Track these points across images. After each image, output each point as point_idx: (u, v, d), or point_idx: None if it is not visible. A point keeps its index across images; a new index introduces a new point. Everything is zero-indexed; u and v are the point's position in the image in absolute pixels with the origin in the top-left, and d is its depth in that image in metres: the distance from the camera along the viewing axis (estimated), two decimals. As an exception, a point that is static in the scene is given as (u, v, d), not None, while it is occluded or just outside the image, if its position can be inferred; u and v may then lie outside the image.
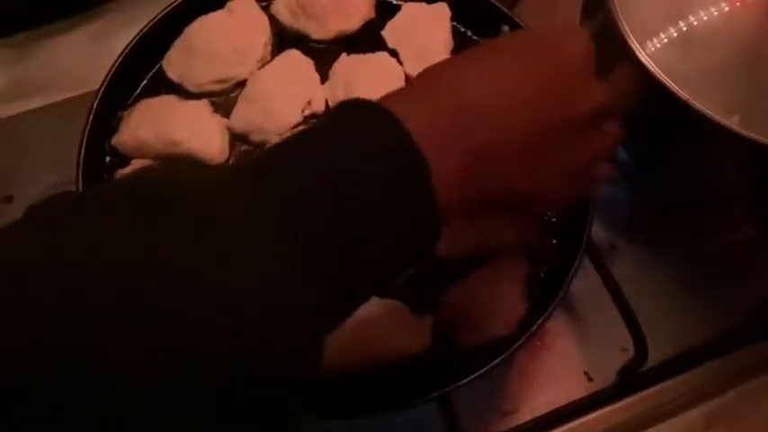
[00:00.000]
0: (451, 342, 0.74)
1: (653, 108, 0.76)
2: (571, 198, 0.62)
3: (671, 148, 0.80)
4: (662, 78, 0.70)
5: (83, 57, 0.96)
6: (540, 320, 0.73)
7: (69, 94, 0.92)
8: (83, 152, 0.75)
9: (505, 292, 0.74)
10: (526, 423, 0.82)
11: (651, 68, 0.71)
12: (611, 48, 0.75)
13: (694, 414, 0.84)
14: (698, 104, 0.67)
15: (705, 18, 0.74)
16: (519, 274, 0.76)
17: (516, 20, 0.86)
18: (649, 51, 0.72)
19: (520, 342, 0.71)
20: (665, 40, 0.74)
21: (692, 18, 0.74)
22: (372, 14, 0.87)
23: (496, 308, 0.74)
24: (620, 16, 0.72)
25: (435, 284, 0.76)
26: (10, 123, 0.93)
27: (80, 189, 0.74)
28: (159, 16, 0.82)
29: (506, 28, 0.87)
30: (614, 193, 0.93)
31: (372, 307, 0.72)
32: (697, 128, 0.69)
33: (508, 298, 0.74)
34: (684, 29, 0.74)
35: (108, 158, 0.79)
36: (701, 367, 0.86)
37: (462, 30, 0.88)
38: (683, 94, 0.68)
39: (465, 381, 0.70)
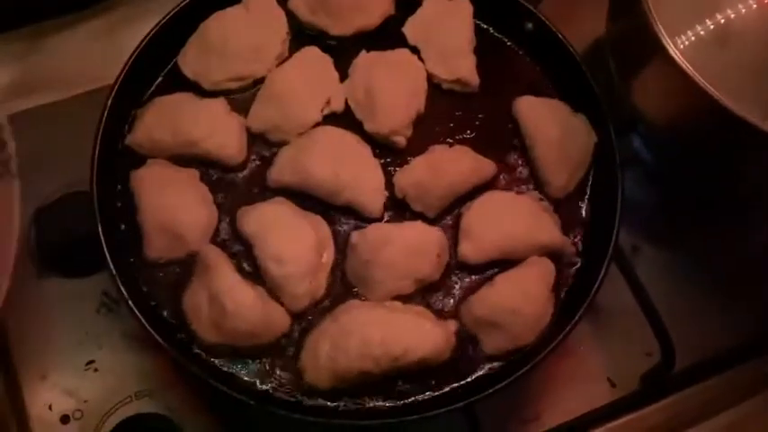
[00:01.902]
0: (475, 349, 0.72)
1: (684, 108, 0.74)
2: None
3: (700, 151, 0.78)
4: (696, 78, 0.68)
5: (93, 51, 0.93)
6: (567, 329, 0.71)
7: (80, 90, 0.89)
8: (97, 152, 0.73)
9: (531, 298, 0.72)
10: (549, 430, 0.81)
11: (684, 66, 0.68)
12: (641, 44, 0.73)
13: (720, 420, 0.83)
14: (736, 107, 0.65)
15: (740, 14, 0.71)
16: (545, 279, 0.74)
17: (540, 17, 0.83)
18: (681, 48, 0.70)
19: (547, 350, 0.70)
20: (696, 38, 0.71)
21: (726, 14, 0.71)
22: (392, 10, 0.85)
23: (522, 314, 0.72)
24: (653, 11, 0.70)
25: (460, 290, 0.74)
26: (19, 120, 0.90)
27: (94, 190, 0.72)
28: (174, 11, 0.80)
29: (530, 25, 0.85)
30: (637, 194, 0.91)
31: (397, 313, 0.71)
32: (733, 131, 0.67)
33: (534, 304, 0.72)
34: (719, 24, 0.71)
35: (122, 158, 0.77)
36: (726, 373, 0.84)
37: (485, 27, 0.86)
38: (719, 95, 0.66)
39: (492, 390, 0.68)
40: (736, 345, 0.86)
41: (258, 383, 0.69)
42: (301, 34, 0.84)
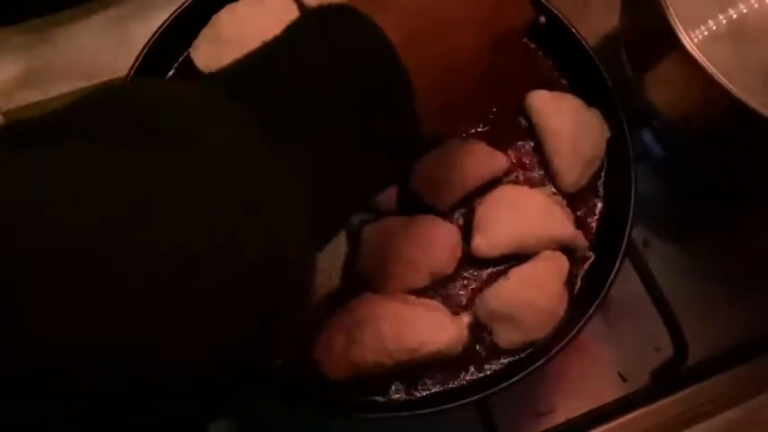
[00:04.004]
0: (489, 342, 0.72)
1: (699, 103, 0.74)
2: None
3: (714, 145, 0.78)
4: (712, 72, 0.67)
5: (103, 44, 0.93)
6: (581, 322, 0.71)
7: (89, 83, 0.89)
8: (109, 144, 0.73)
9: (545, 292, 0.72)
10: (561, 425, 0.81)
11: (700, 60, 0.68)
12: (656, 38, 0.73)
13: (731, 415, 0.82)
14: (753, 102, 0.64)
15: (755, 8, 0.71)
16: (558, 274, 0.74)
17: (553, 10, 0.83)
18: (696, 41, 0.69)
19: (562, 344, 0.70)
20: (711, 31, 0.71)
21: (741, 7, 0.71)
22: (404, 3, 0.84)
23: (536, 309, 0.72)
24: (668, 4, 0.70)
25: (473, 284, 0.74)
26: (27, 113, 0.89)
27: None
28: (187, 3, 0.80)
29: (543, 19, 0.84)
30: (647, 189, 0.90)
31: (410, 306, 0.71)
32: (749, 126, 0.67)
33: (547, 299, 0.72)
34: (735, 18, 0.71)
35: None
36: (737, 368, 0.84)
37: (497, 20, 0.86)
38: (735, 90, 0.66)
39: (506, 384, 0.68)
40: (748, 339, 0.86)
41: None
42: (313, 27, 0.83)
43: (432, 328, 0.69)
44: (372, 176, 0.53)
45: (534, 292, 0.72)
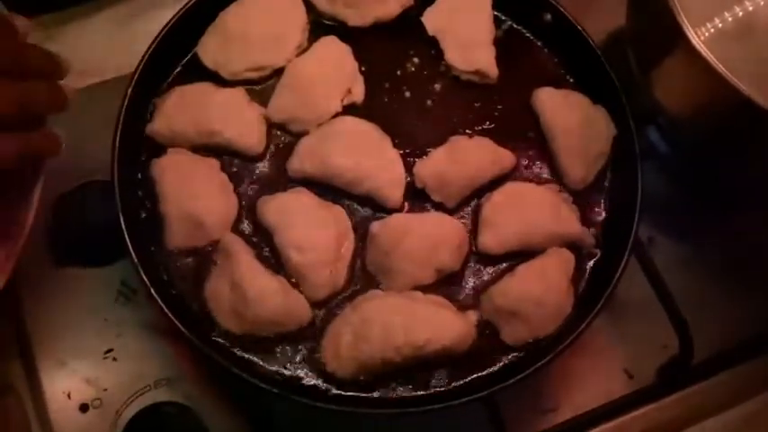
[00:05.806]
0: (495, 339, 0.73)
1: (706, 100, 0.74)
2: None
3: (721, 143, 0.78)
4: (719, 69, 0.67)
5: (112, 41, 0.93)
6: (588, 319, 0.71)
7: (99, 80, 0.89)
8: (117, 141, 0.73)
9: (551, 289, 0.72)
10: (567, 421, 0.81)
11: (708, 57, 0.68)
12: (663, 35, 0.73)
13: (737, 412, 0.83)
14: (760, 99, 0.64)
15: (761, 5, 0.71)
16: (565, 270, 0.74)
17: (559, 8, 0.83)
18: (702, 39, 0.69)
19: (569, 341, 0.70)
20: (718, 29, 0.71)
21: (748, 4, 0.71)
22: (411, 0, 0.84)
23: (543, 305, 0.72)
24: (676, 1, 0.69)
25: (480, 280, 0.75)
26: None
27: (115, 179, 0.72)
28: (193, 0, 0.79)
29: (549, 16, 0.84)
30: (653, 186, 0.90)
31: (418, 303, 0.71)
32: (756, 123, 0.67)
33: (555, 295, 0.72)
34: (742, 15, 0.71)
35: (143, 147, 0.77)
36: (744, 365, 0.85)
37: (503, 18, 0.86)
38: (743, 86, 0.66)
39: (512, 381, 0.68)
40: (753, 336, 0.86)
41: (279, 372, 0.69)
42: (320, 24, 0.83)
43: (439, 325, 0.70)
44: None
45: (541, 289, 0.72)
